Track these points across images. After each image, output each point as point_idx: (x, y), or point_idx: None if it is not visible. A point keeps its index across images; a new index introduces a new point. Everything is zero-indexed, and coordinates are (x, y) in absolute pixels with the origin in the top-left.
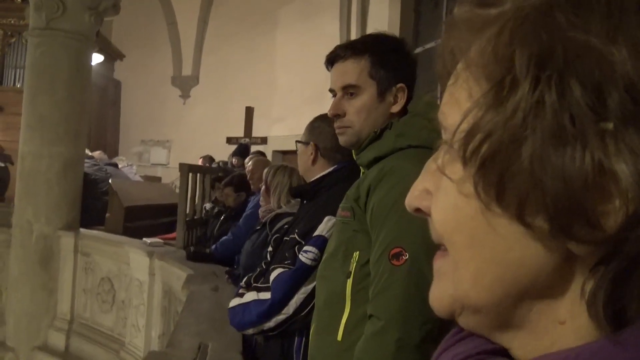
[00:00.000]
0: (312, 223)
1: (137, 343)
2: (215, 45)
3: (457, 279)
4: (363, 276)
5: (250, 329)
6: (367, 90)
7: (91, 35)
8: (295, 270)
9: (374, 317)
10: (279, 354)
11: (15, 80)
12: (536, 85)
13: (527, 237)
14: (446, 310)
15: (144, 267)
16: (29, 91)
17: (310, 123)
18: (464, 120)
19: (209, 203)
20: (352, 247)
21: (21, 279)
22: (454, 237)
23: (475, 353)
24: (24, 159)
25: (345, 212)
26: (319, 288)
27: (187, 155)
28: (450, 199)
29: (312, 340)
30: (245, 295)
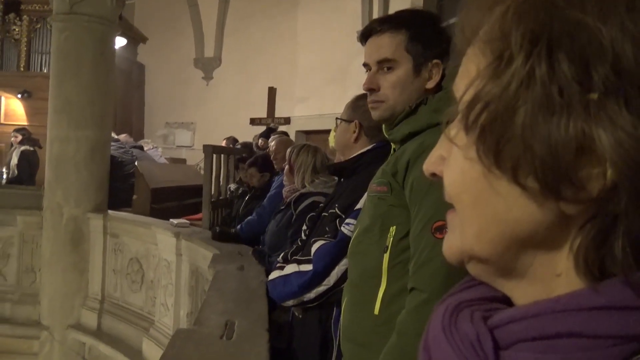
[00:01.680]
0: (352, 197)
1: (166, 321)
2: (237, 25)
3: (463, 234)
4: (400, 250)
5: (291, 300)
6: (403, 65)
7: (114, 19)
8: (338, 242)
9: (416, 290)
10: (317, 325)
11: (41, 66)
12: (528, 59)
13: (523, 197)
14: (456, 259)
15: (171, 248)
16: (54, 76)
17: (353, 101)
18: (467, 91)
19: (233, 184)
20: (389, 222)
21: (53, 260)
22: (460, 197)
23: (477, 298)
24: (52, 143)
25: (381, 187)
26: (351, 264)
27: (211, 137)
28: (458, 163)
29: (346, 314)
30: (285, 268)
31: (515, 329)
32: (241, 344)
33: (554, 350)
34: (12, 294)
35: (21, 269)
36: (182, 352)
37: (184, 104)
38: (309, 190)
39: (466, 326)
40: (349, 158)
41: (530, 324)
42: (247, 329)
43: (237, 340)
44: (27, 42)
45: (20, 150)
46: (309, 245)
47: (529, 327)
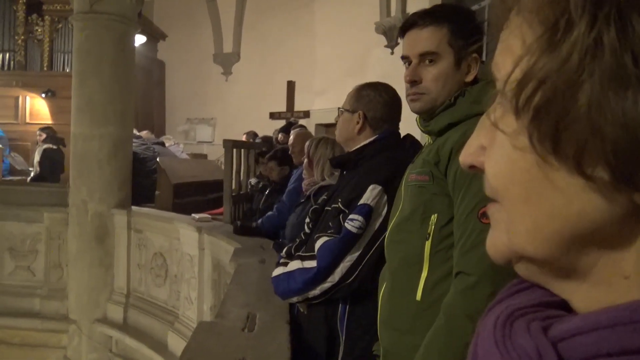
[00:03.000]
0: (356, 192)
1: (190, 315)
2: (255, 20)
3: (512, 232)
4: (442, 238)
5: (295, 297)
6: (446, 58)
7: (133, 17)
8: (341, 238)
9: (463, 274)
10: (322, 321)
11: (64, 65)
12: (593, 24)
13: (587, 190)
14: (503, 258)
15: (194, 242)
16: (77, 75)
17: (357, 90)
18: (516, 68)
19: (253, 178)
20: (430, 210)
21: (79, 255)
22: (509, 191)
23: (531, 305)
24: (75, 141)
25: (422, 176)
26: (390, 252)
27: (231, 132)
28: (504, 152)
29: (386, 302)
30: (289, 264)
31: (585, 342)
32: (262, 336)
33: None
34: (40, 289)
35: (49, 265)
36: (204, 345)
37: (204, 100)
38: (328, 183)
39: (523, 339)
40: (353, 150)
41: (603, 336)
42: (269, 321)
43: (259, 332)
44: (50, 42)
45: (42, 149)
46: (312, 240)
47: (602, 340)
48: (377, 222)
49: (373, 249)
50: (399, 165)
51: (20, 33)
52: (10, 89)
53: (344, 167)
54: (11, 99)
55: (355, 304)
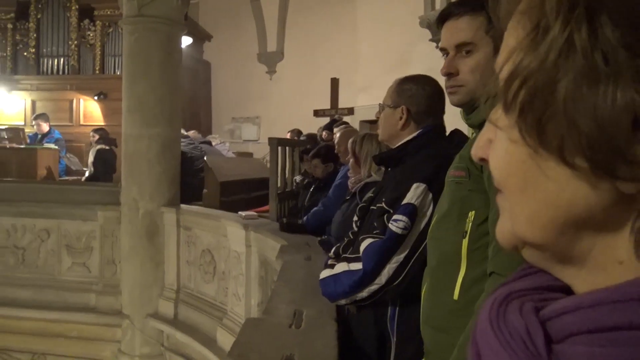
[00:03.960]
0: (399, 191)
1: (238, 311)
2: (298, 18)
3: (513, 219)
4: (479, 235)
5: (343, 300)
6: (483, 48)
7: (180, 19)
8: (386, 240)
9: (495, 274)
10: (372, 323)
11: (115, 68)
12: (566, 26)
13: (575, 178)
14: (509, 244)
15: (241, 239)
16: (127, 77)
17: (398, 84)
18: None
19: (298, 175)
20: (467, 207)
21: (131, 252)
22: (508, 181)
23: (532, 288)
24: (126, 141)
25: (459, 172)
26: (431, 249)
27: (275, 130)
28: (503, 145)
29: (426, 300)
30: (335, 267)
31: (569, 320)
32: (309, 333)
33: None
34: (96, 284)
35: (103, 262)
36: (252, 340)
37: (249, 99)
38: (374, 179)
39: (515, 318)
40: (396, 146)
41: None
42: (315, 318)
43: (306, 329)
44: (101, 46)
45: (96, 150)
46: (358, 241)
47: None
48: (423, 222)
49: (420, 249)
50: (444, 160)
51: (73, 38)
52: (65, 93)
53: (388, 165)
54: (66, 102)
55: (405, 305)
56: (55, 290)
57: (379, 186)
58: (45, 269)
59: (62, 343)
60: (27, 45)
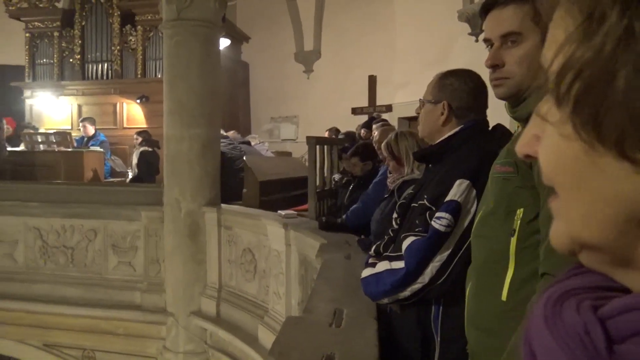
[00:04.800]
0: (442, 188)
1: (279, 309)
2: (334, 17)
3: (568, 220)
4: (529, 234)
5: (385, 299)
6: (530, 38)
7: (218, 21)
8: (429, 238)
9: (548, 276)
10: (415, 322)
11: (156, 71)
12: (624, 14)
13: (634, 173)
14: (566, 248)
15: (281, 238)
16: (167, 80)
17: (439, 79)
18: (555, 59)
19: (337, 174)
20: (515, 204)
21: (174, 251)
22: (560, 179)
23: (587, 286)
24: (167, 143)
25: (506, 167)
26: (475, 247)
27: (313, 129)
28: (553, 141)
29: (471, 300)
30: (377, 265)
31: (631, 319)
32: (350, 332)
33: None
34: (141, 283)
35: (147, 261)
36: (293, 339)
37: (286, 98)
38: (412, 177)
39: (572, 316)
40: (437, 142)
41: None
42: (356, 316)
43: (346, 327)
44: (143, 51)
45: (139, 152)
46: (399, 239)
47: None
48: (467, 219)
49: (464, 247)
50: (488, 156)
51: (116, 44)
52: (109, 97)
53: (429, 161)
54: (110, 105)
55: (449, 305)
56: (103, 289)
57: (419, 183)
58: (93, 267)
59: (109, 340)
60: (73, 52)
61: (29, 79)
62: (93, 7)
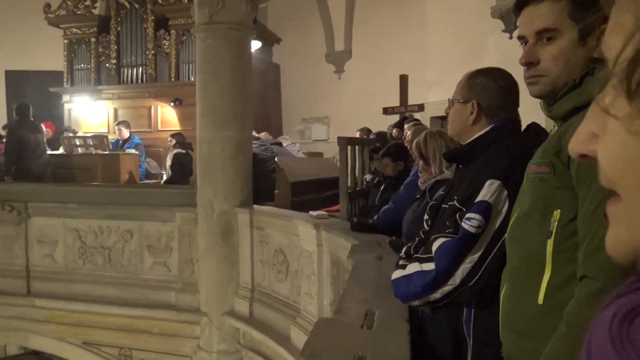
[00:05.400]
0: (472, 188)
1: (311, 310)
2: (365, 16)
3: (632, 226)
4: (566, 236)
5: (416, 301)
6: (567, 34)
7: (249, 24)
8: (459, 239)
9: (587, 279)
10: (447, 325)
11: (189, 75)
12: None
13: None
14: (625, 258)
15: (312, 239)
16: (199, 82)
17: (468, 78)
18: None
19: (368, 174)
20: (552, 205)
21: (208, 251)
22: (624, 180)
23: None
24: (200, 145)
25: (542, 167)
26: (510, 249)
27: (345, 129)
28: (618, 138)
29: (506, 303)
30: (407, 267)
31: None
32: (381, 334)
33: None
34: (175, 283)
35: (182, 261)
36: (324, 340)
37: (317, 99)
38: (444, 177)
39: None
40: (467, 142)
41: None
42: (387, 318)
43: (378, 329)
44: (176, 54)
45: (173, 154)
46: (430, 241)
47: None
48: (498, 220)
49: (496, 248)
50: (520, 155)
51: (150, 48)
52: (144, 100)
53: (459, 161)
54: (145, 109)
55: (481, 307)
56: (139, 289)
57: (449, 184)
58: (129, 268)
59: (145, 338)
60: (109, 57)
61: (68, 84)
62: (128, 13)
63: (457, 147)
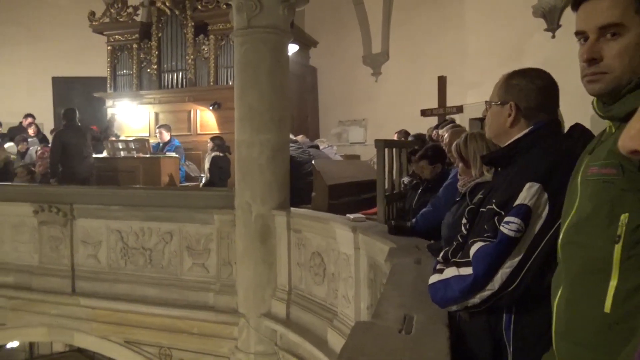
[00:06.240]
0: (511, 191)
1: (348, 313)
2: (403, 18)
3: None
4: (635, 241)
5: (454, 306)
6: (633, 30)
7: (286, 27)
8: (498, 244)
9: None
10: (486, 331)
11: (227, 79)
12: None
13: None
14: None
15: (349, 242)
16: (238, 86)
17: (505, 80)
18: None
19: (406, 177)
20: (620, 209)
21: (245, 253)
22: None
23: None
24: (238, 148)
25: (607, 169)
26: (568, 255)
27: (382, 132)
28: None
29: (563, 313)
30: (444, 271)
31: None
32: (420, 339)
33: None
34: (214, 284)
35: (220, 263)
36: (362, 345)
37: (354, 102)
38: (485, 179)
39: None
40: (505, 145)
41: None
42: (426, 324)
43: (416, 335)
44: (215, 59)
45: (212, 157)
46: (468, 245)
47: None
48: (538, 224)
49: (536, 252)
50: (562, 157)
51: (190, 53)
52: (184, 104)
53: (497, 164)
54: (184, 113)
55: (521, 313)
56: (178, 289)
57: (488, 187)
58: (169, 269)
59: (185, 338)
60: (150, 63)
61: (111, 89)
62: (168, 19)
63: (496, 150)
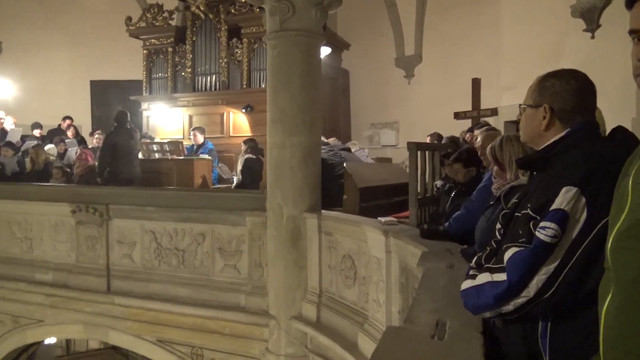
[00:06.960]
0: (546, 196)
1: (379, 317)
2: (436, 20)
3: None
4: None
5: (487, 313)
6: None
7: (319, 30)
8: (533, 249)
9: None
10: (521, 339)
11: (260, 82)
12: None
13: None
14: None
15: (381, 245)
16: (270, 89)
17: (539, 82)
18: None
19: (439, 180)
20: None
21: (276, 255)
22: None
23: None
24: (270, 150)
25: None
26: (621, 261)
27: (414, 134)
28: None
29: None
30: (477, 277)
31: None
32: (453, 346)
33: None
34: (245, 286)
35: (251, 264)
36: (393, 350)
37: (387, 104)
38: (520, 182)
39: None
40: (541, 148)
41: None
42: (459, 330)
43: (449, 341)
44: (248, 62)
45: (244, 159)
46: (502, 250)
47: None
48: (575, 229)
49: (574, 259)
50: (601, 160)
51: (223, 56)
52: (217, 107)
53: (533, 168)
54: (217, 115)
55: (558, 321)
56: (210, 290)
57: (523, 191)
58: (201, 269)
59: (216, 339)
60: (184, 66)
61: (146, 92)
62: (203, 23)
63: (531, 153)
